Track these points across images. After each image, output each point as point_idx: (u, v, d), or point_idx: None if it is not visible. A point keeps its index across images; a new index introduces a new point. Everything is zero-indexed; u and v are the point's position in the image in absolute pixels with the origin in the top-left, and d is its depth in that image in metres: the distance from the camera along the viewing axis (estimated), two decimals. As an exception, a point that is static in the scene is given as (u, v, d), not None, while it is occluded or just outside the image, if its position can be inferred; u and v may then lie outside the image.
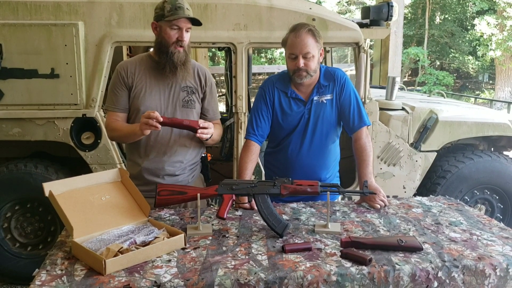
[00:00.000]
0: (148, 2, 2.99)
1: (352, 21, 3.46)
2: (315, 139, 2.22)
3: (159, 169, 2.15)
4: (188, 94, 2.15)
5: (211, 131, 2.07)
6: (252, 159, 2.20)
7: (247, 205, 2.05)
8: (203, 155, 2.33)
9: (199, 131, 2.01)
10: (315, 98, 2.19)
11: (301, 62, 2.07)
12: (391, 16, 3.48)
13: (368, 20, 3.58)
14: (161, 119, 1.93)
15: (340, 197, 2.45)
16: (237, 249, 1.62)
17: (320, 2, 14.07)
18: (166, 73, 2.08)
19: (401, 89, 5.07)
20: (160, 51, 2.08)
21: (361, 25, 3.52)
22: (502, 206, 3.67)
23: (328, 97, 2.20)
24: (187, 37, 2.06)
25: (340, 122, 2.28)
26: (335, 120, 2.24)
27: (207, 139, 2.08)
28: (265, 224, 1.77)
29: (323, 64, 2.35)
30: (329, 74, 2.22)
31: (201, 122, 2.03)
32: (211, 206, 2.99)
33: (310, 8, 3.18)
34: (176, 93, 2.14)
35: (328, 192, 1.84)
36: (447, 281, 1.50)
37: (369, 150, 2.21)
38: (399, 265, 1.50)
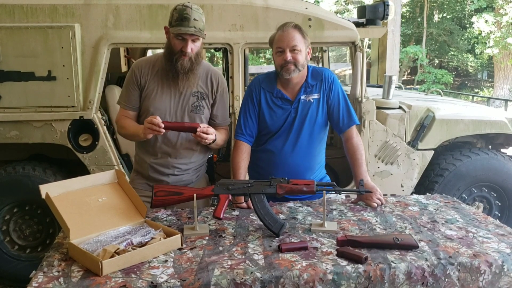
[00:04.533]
0: (144, 3, 3.00)
1: (348, 20, 3.47)
2: (301, 139, 2.21)
3: (165, 168, 2.19)
4: (198, 100, 2.16)
5: (211, 137, 2.05)
6: (243, 158, 2.21)
7: (244, 205, 2.05)
8: (209, 156, 2.35)
9: (198, 131, 2.00)
10: (302, 97, 2.19)
11: (289, 55, 2.08)
12: (387, 15, 3.48)
13: (364, 19, 3.58)
14: (163, 125, 1.95)
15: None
16: (234, 249, 1.63)
17: (318, 2, 14.07)
18: (168, 79, 2.10)
19: (399, 87, 5.08)
20: (166, 57, 2.09)
21: (357, 24, 3.52)
22: (500, 204, 3.67)
23: (316, 96, 2.20)
24: (194, 46, 2.04)
25: (327, 123, 2.27)
26: (322, 121, 2.23)
27: (206, 143, 2.08)
28: (262, 223, 1.78)
29: (318, 65, 2.35)
30: (316, 73, 2.22)
31: (202, 125, 2.04)
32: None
33: (306, 8, 3.19)
34: (186, 97, 2.15)
35: (324, 191, 1.85)
36: (443, 278, 1.51)
37: (361, 148, 2.22)
38: (395, 263, 1.51)
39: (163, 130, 1.97)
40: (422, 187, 3.56)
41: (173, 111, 2.14)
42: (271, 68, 2.35)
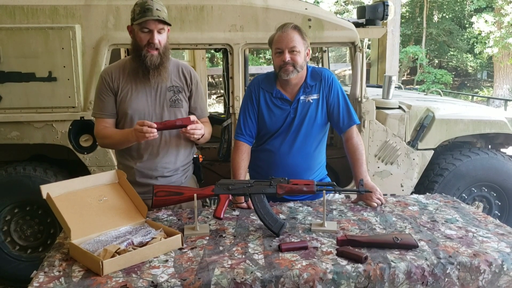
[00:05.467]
0: (144, 4, 3.00)
1: (348, 20, 3.47)
2: (298, 139, 2.21)
3: (152, 170, 2.15)
4: (175, 94, 2.14)
5: (199, 132, 2.03)
6: (243, 158, 2.21)
7: (244, 205, 2.06)
8: (194, 156, 2.33)
9: (189, 127, 1.98)
10: (302, 97, 2.19)
11: (287, 56, 2.08)
12: (387, 15, 3.49)
13: (364, 19, 3.59)
14: (156, 127, 1.92)
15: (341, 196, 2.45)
16: (234, 249, 1.63)
17: (317, 2, 14.07)
18: (140, 77, 2.08)
19: (399, 87, 5.08)
20: (134, 55, 2.07)
21: (357, 25, 3.53)
22: (499, 203, 3.68)
23: (315, 96, 2.20)
24: (160, 38, 2.03)
25: (327, 123, 2.27)
26: (321, 121, 2.23)
27: (195, 136, 2.04)
28: (262, 223, 1.78)
29: (318, 66, 2.34)
30: (316, 74, 2.23)
31: (193, 118, 2.01)
32: (207, 206, 3.00)
33: (306, 9, 3.20)
34: (162, 93, 2.13)
35: (324, 191, 1.85)
36: (442, 277, 1.51)
37: (361, 148, 2.22)
38: (395, 263, 1.52)
39: (157, 134, 1.95)
40: (422, 186, 3.56)
41: (151, 109, 2.12)
42: (271, 68, 2.36)
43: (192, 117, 2.02)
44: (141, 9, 1.98)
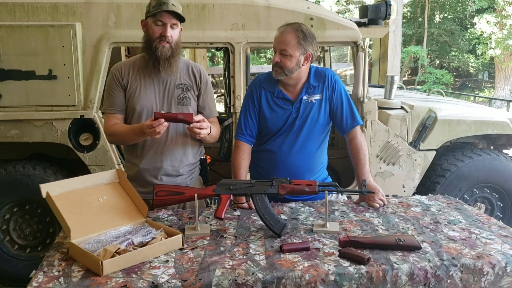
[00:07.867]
0: (145, 2, 2.95)
1: (350, 20, 3.46)
2: (300, 139, 2.19)
3: (157, 169, 2.13)
4: (183, 91, 2.13)
5: (204, 131, 1.98)
6: (244, 158, 2.20)
7: (245, 205, 2.04)
8: (202, 157, 2.31)
9: (193, 124, 1.94)
10: (304, 97, 2.17)
11: (277, 57, 2.07)
12: (389, 15, 3.48)
13: (366, 19, 3.57)
14: (163, 120, 1.88)
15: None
16: (235, 249, 1.61)
17: (318, 2, 14.06)
18: (150, 69, 2.07)
19: (400, 88, 5.07)
20: (146, 47, 2.07)
21: (359, 24, 3.51)
22: (501, 205, 3.66)
23: (318, 97, 2.18)
24: (173, 33, 2.04)
25: (329, 124, 2.25)
26: (324, 122, 2.21)
27: (201, 135, 2.00)
28: (263, 224, 1.77)
29: (320, 65, 2.32)
30: (319, 74, 2.20)
31: (199, 117, 1.97)
32: (210, 206, 2.98)
33: (308, 8, 3.18)
34: (171, 90, 2.12)
35: (326, 192, 1.84)
36: (445, 279, 1.50)
37: (365, 149, 2.20)
38: (397, 264, 1.50)
39: (167, 123, 1.90)
40: (424, 187, 3.55)
41: (159, 106, 2.11)
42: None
43: (199, 116, 1.98)
44: (157, 3, 2.00)
